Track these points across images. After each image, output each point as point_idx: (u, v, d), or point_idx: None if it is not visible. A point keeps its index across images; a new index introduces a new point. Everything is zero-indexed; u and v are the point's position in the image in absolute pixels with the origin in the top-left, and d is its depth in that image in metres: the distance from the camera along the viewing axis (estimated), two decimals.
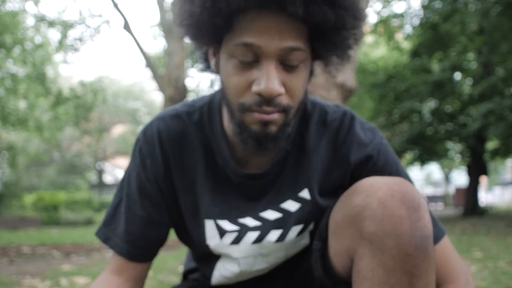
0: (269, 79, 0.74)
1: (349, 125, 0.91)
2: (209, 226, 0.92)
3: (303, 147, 0.90)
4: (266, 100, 0.75)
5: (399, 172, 0.91)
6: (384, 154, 0.91)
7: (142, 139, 0.92)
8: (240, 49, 0.75)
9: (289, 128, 0.82)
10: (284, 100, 0.77)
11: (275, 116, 0.77)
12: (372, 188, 0.75)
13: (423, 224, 0.71)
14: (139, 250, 0.93)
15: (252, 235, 0.91)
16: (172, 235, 1.02)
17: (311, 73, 0.85)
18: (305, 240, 0.94)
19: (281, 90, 0.75)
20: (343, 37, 0.78)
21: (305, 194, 0.90)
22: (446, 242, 0.90)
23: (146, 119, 23.23)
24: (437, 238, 0.87)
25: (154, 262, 3.60)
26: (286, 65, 0.76)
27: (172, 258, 3.98)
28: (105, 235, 0.95)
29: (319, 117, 0.92)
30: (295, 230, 0.91)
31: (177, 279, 2.82)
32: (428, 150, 12.97)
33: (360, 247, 0.75)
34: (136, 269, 0.94)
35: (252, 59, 0.76)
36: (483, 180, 19.37)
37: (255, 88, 0.75)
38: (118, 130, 23.90)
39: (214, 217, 0.91)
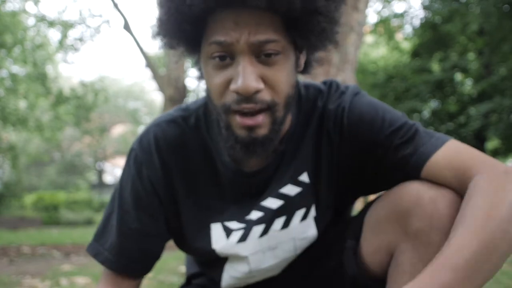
0: (244, 76, 0.73)
1: (326, 96, 0.89)
2: (215, 229, 0.90)
3: (295, 132, 0.89)
4: (245, 98, 0.74)
5: (380, 116, 0.83)
6: (355, 109, 0.85)
7: (138, 148, 0.89)
8: (213, 48, 0.75)
9: (281, 127, 0.80)
10: (266, 96, 0.75)
11: (259, 119, 0.75)
12: (423, 187, 0.76)
13: None
14: (131, 264, 0.90)
15: (258, 229, 0.89)
16: None
17: (298, 65, 0.83)
18: (312, 230, 0.92)
19: (259, 85, 0.74)
20: (317, 22, 0.75)
21: (304, 177, 0.89)
22: (454, 143, 0.79)
23: (146, 119, 23.19)
24: (436, 146, 0.79)
25: None
26: (262, 59, 0.75)
27: (172, 258, 3.97)
28: (96, 250, 0.91)
29: (311, 100, 0.90)
30: (298, 214, 0.90)
31: (177, 279, 2.81)
32: None
33: (403, 242, 0.76)
34: (129, 283, 0.91)
35: (227, 58, 0.75)
36: None
37: (232, 86, 0.75)
38: (118, 130, 23.87)
39: (222, 220, 0.90)
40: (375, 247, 0.83)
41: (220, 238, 0.90)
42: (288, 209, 0.89)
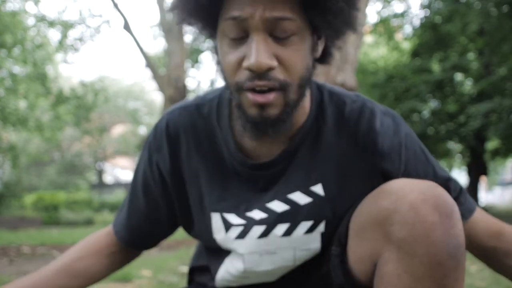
0: (257, 52, 0.72)
1: (369, 118, 0.86)
2: (216, 219, 0.89)
3: (318, 140, 0.86)
4: (258, 75, 0.73)
5: (431, 164, 0.91)
6: (411, 145, 0.88)
7: (152, 133, 0.93)
8: (228, 25, 0.74)
9: (293, 110, 0.79)
10: (279, 74, 0.74)
11: (271, 97, 0.74)
12: (403, 192, 0.72)
13: (456, 232, 0.69)
14: (137, 240, 0.98)
15: (258, 229, 0.87)
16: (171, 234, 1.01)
17: (315, 50, 0.80)
18: (316, 244, 0.88)
19: (272, 63, 0.73)
20: (335, 1, 0.74)
21: (318, 189, 0.86)
22: (481, 211, 0.94)
23: (146, 119, 23.22)
24: (472, 210, 0.91)
25: (154, 262, 3.57)
26: (276, 37, 0.74)
27: (172, 258, 3.97)
28: (114, 221, 1.00)
29: (336, 108, 0.87)
30: (304, 225, 0.86)
31: (177, 279, 2.81)
32: (429, 151, 12.93)
33: (386, 252, 0.72)
34: (125, 250, 1.01)
35: (242, 35, 0.74)
36: (483, 180, 19.36)
37: (245, 63, 0.74)
38: (118, 130, 23.88)
39: (221, 211, 0.89)
40: (359, 255, 0.78)
41: (220, 230, 0.89)
42: (293, 217, 0.86)
